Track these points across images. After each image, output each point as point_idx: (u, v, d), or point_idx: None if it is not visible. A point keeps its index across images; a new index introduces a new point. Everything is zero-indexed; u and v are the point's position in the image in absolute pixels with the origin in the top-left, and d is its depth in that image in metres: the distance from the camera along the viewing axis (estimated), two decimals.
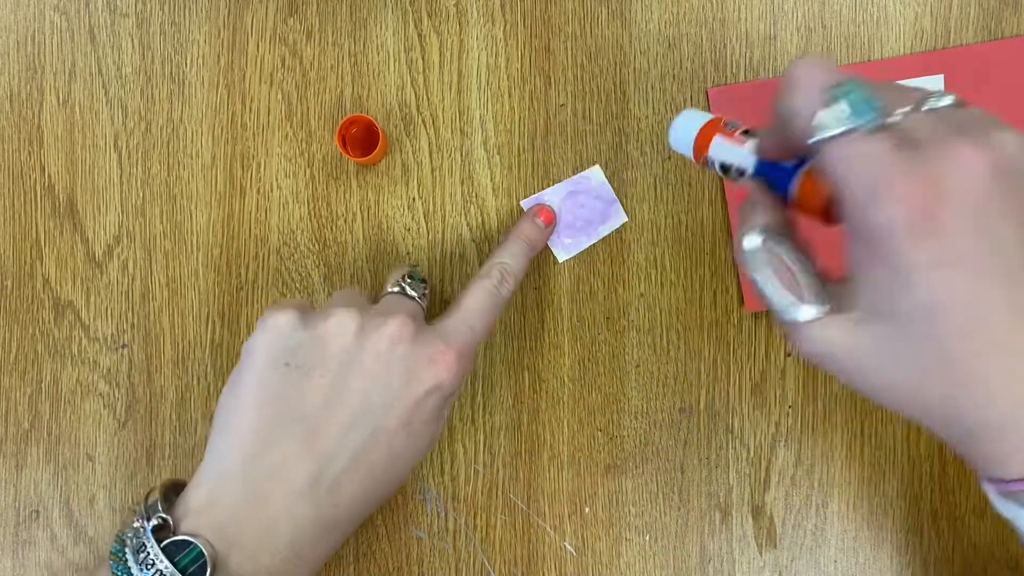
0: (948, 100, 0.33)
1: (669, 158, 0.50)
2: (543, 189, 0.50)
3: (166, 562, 0.37)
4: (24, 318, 0.51)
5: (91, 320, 0.50)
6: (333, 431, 0.40)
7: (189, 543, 0.38)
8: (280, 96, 0.51)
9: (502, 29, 0.51)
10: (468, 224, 0.50)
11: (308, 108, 0.51)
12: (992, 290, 0.30)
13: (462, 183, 0.50)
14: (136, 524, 0.39)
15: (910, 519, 0.50)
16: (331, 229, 0.50)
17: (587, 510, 0.50)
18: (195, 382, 0.50)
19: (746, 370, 0.50)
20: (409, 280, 0.46)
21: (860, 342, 0.33)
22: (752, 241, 0.35)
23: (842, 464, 0.50)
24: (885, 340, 0.32)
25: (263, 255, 0.50)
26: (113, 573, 0.38)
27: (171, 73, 0.51)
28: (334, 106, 0.51)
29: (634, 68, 0.50)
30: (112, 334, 0.50)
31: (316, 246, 0.50)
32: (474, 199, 0.50)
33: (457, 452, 0.50)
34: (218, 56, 0.51)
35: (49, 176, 0.51)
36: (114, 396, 0.50)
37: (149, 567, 0.37)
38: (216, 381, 0.50)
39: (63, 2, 0.51)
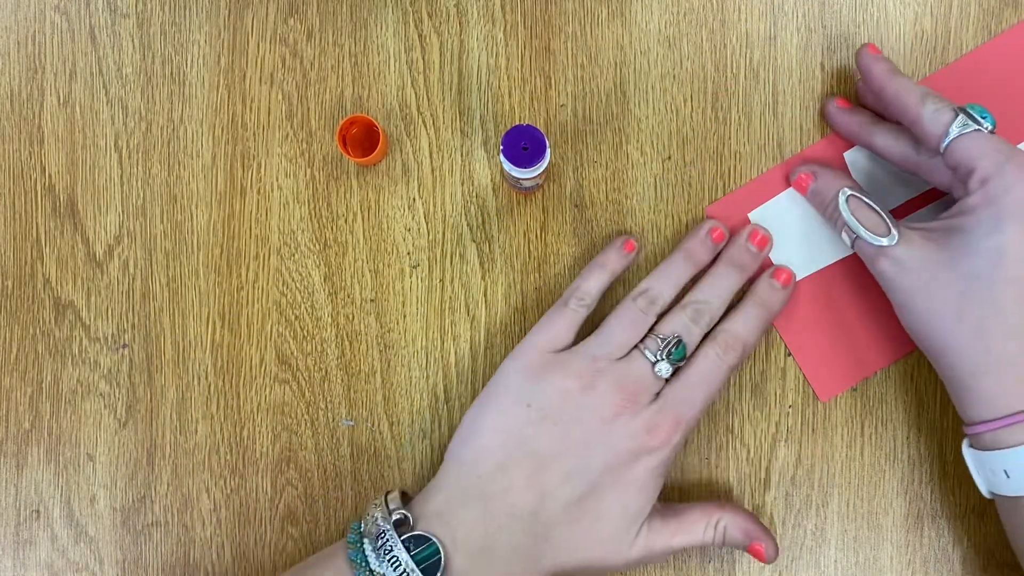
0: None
1: (669, 158, 0.50)
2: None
3: (404, 553, 0.41)
4: (24, 318, 0.51)
5: (91, 320, 0.50)
6: (555, 475, 0.43)
7: (427, 539, 0.42)
8: (280, 96, 0.51)
9: (502, 29, 0.51)
10: (468, 224, 0.50)
11: (308, 108, 0.51)
12: None
13: (462, 183, 0.50)
14: (376, 515, 0.43)
15: (910, 519, 0.50)
16: (331, 229, 0.50)
17: None
18: (195, 382, 0.50)
19: (746, 370, 0.50)
20: (667, 357, 0.45)
21: (927, 262, 0.42)
22: (845, 194, 0.45)
23: (842, 464, 0.50)
24: (952, 266, 0.41)
25: (263, 255, 0.50)
26: (350, 559, 0.42)
27: (171, 73, 0.51)
28: (334, 106, 0.51)
29: (634, 68, 0.50)
30: (112, 334, 0.50)
31: (316, 246, 0.50)
32: (474, 199, 0.50)
33: None
34: (218, 56, 0.51)
35: (49, 176, 0.51)
36: (114, 396, 0.50)
37: (385, 554, 0.41)
38: (216, 381, 0.50)
39: (63, 2, 0.51)
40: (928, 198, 0.49)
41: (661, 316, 0.46)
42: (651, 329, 0.46)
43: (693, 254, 0.48)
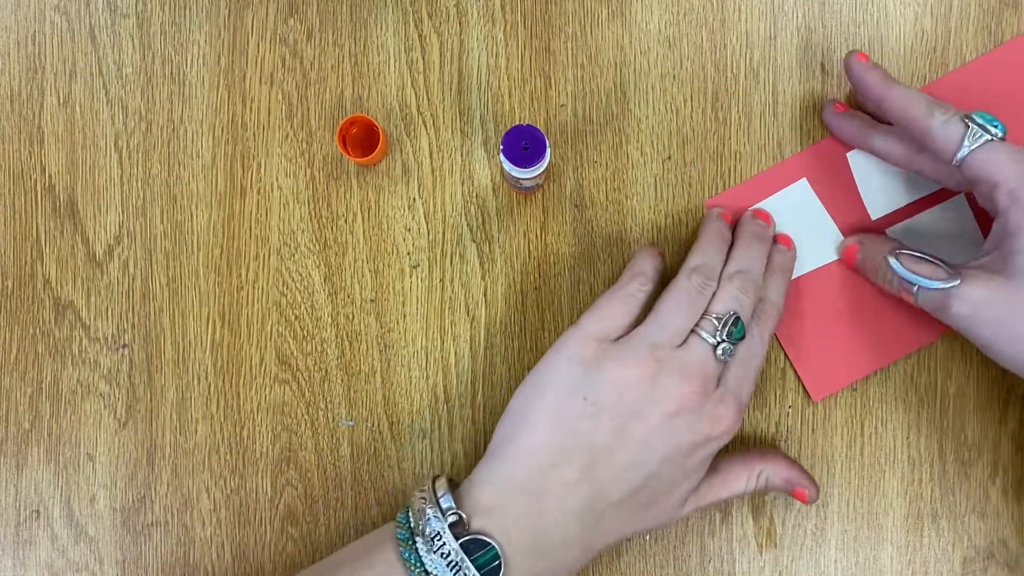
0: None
1: (669, 158, 0.50)
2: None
3: (467, 561, 0.40)
4: (24, 318, 0.51)
5: (91, 320, 0.50)
6: (612, 468, 0.42)
7: (486, 543, 0.41)
8: (280, 96, 0.51)
9: (502, 29, 0.51)
10: (468, 224, 0.50)
11: (308, 108, 0.51)
12: None
13: (462, 183, 0.50)
14: (428, 513, 0.42)
15: (910, 519, 0.50)
16: (331, 229, 0.50)
17: None
18: (195, 382, 0.50)
19: None
20: (728, 337, 0.44)
21: (1000, 295, 0.41)
22: (894, 260, 0.45)
23: (842, 464, 0.50)
24: (1018, 294, 0.41)
25: (263, 255, 0.50)
26: (403, 559, 0.41)
27: (171, 73, 0.51)
28: (334, 106, 0.51)
29: (634, 68, 0.50)
30: (112, 334, 0.50)
31: (316, 246, 0.50)
32: (474, 199, 0.50)
33: (457, 452, 0.50)
34: (218, 56, 0.51)
35: (49, 176, 0.51)
36: (114, 396, 0.50)
37: (444, 557, 0.40)
38: (216, 381, 0.50)
39: (63, 2, 0.51)
40: (940, 196, 0.49)
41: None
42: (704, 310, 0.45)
43: (719, 231, 0.47)
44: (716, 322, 0.44)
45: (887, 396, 0.50)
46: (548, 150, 0.45)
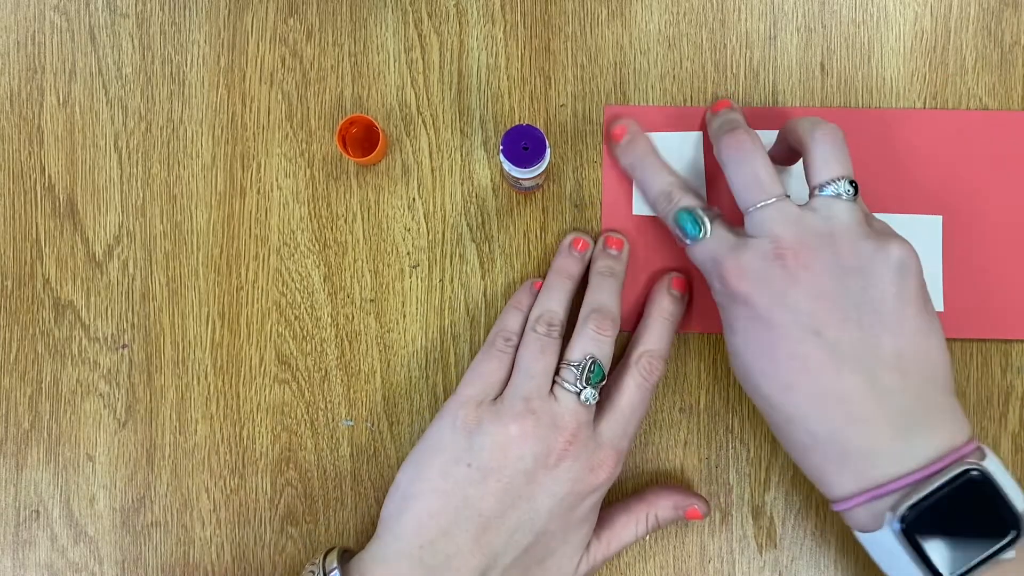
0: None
1: None
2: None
3: None
4: (24, 318, 0.51)
5: (91, 320, 0.50)
6: (503, 532, 0.43)
7: None
8: (280, 96, 0.51)
9: (502, 29, 0.51)
10: (468, 224, 0.50)
11: (308, 108, 0.51)
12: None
13: (462, 183, 0.50)
14: None
15: None
16: (331, 229, 0.50)
17: None
18: (195, 382, 0.50)
19: None
20: (588, 383, 0.44)
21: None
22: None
23: None
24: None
25: (263, 255, 0.50)
26: None
27: (171, 73, 0.51)
28: (334, 106, 0.51)
29: (634, 68, 0.50)
30: (112, 334, 0.50)
31: (316, 246, 0.50)
32: (474, 199, 0.50)
33: None
34: (218, 56, 0.51)
35: (49, 176, 0.51)
36: (114, 396, 0.50)
37: None
38: (216, 381, 0.50)
39: (63, 2, 0.51)
40: None
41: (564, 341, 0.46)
42: (562, 357, 0.45)
43: (566, 269, 0.48)
44: (575, 369, 0.44)
45: None
46: (548, 150, 0.45)
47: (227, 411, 0.50)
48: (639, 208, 0.50)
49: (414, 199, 0.50)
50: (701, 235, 0.44)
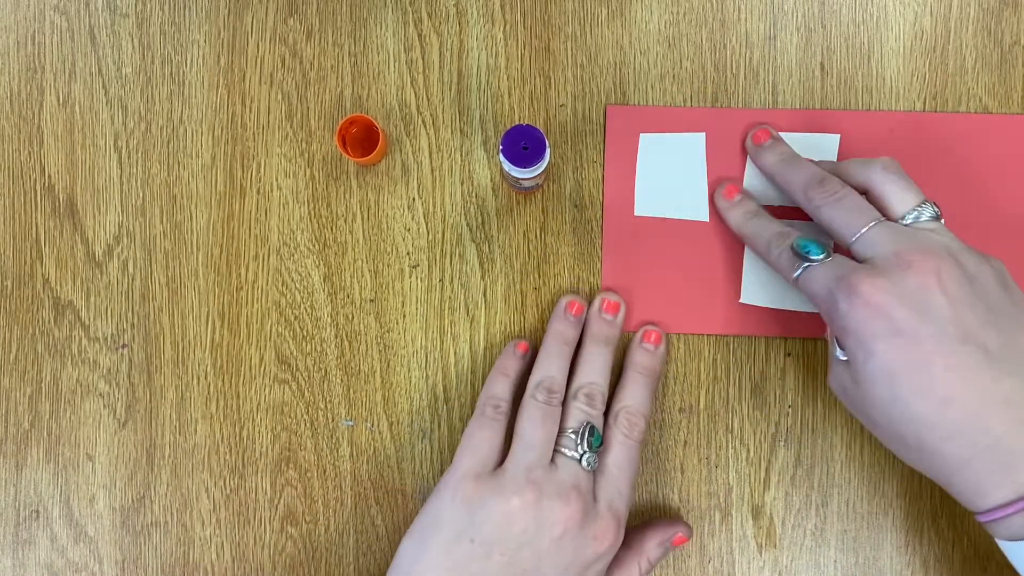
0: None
1: None
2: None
3: None
4: (24, 318, 0.51)
5: (91, 320, 0.50)
6: None
7: None
8: (280, 96, 0.51)
9: (502, 29, 0.51)
10: (468, 224, 0.50)
11: (308, 108, 0.51)
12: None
13: (462, 183, 0.50)
14: None
15: (910, 519, 0.50)
16: (331, 229, 0.50)
17: None
18: (195, 382, 0.50)
19: (746, 370, 0.50)
20: (589, 448, 0.45)
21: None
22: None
23: (842, 464, 0.50)
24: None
25: (263, 255, 0.50)
26: None
27: (171, 73, 0.51)
28: (334, 106, 0.51)
29: (634, 68, 0.50)
30: (112, 334, 0.50)
31: (316, 246, 0.50)
32: (474, 199, 0.50)
33: None
34: (218, 56, 0.51)
35: (49, 176, 0.51)
36: (114, 396, 0.50)
37: None
38: (216, 381, 0.50)
39: (63, 2, 0.51)
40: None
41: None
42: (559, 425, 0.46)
43: (562, 335, 0.48)
44: (573, 436, 0.45)
45: None
46: (548, 150, 0.45)
47: (227, 411, 0.50)
48: (640, 209, 0.50)
49: (414, 199, 0.50)
50: (824, 255, 0.43)
